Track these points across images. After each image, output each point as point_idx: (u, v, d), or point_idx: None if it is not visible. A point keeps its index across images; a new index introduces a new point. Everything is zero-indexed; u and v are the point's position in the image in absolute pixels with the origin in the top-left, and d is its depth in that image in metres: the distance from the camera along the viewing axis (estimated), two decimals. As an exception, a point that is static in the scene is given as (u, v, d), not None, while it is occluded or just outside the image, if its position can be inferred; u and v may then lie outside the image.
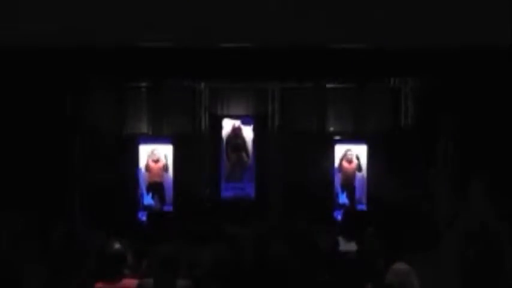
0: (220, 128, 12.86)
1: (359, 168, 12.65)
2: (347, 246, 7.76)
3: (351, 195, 12.67)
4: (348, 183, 12.72)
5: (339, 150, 12.77)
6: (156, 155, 12.38)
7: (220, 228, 7.92)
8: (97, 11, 9.23)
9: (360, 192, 12.73)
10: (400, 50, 9.84)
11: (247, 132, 12.89)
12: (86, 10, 9.21)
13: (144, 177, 12.41)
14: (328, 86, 12.88)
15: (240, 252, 6.86)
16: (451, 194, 10.73)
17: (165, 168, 12.40)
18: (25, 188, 9.99)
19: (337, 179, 12.72)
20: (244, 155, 12.88)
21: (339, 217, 11.56)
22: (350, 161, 12.71)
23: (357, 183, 12.75)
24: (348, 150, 12.71)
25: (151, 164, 12.39)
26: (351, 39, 9.55)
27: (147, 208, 12.21)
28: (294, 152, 12.66)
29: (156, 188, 12.44)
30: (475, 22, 9.17)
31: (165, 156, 12.40)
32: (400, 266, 5.37)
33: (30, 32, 9.22)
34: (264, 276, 6.21)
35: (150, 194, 12.42)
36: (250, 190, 12.80)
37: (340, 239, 7.83)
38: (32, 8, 9.25)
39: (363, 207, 12.60)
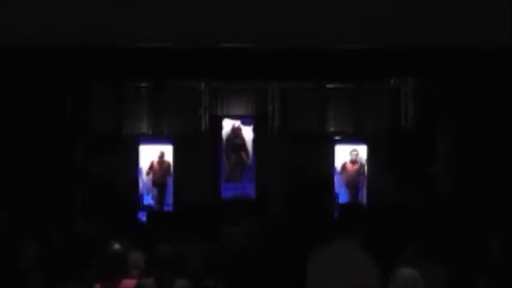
0: (220, 128, 12.86)
1: (362, 168, 12.67)
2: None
3: (354, 195, 12.65)
4: (352, 184, 12.71)
5: (339, 150, 12.77)
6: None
7: (217, 227, 7.90)
8: (97, 11, 9.22)
9: (360, 192, 12.73)
10: (400, 50, 9.83)
11: (247, 132, 12.90)
12: (86, 10, 9.20)
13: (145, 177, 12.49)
14: (328, 86, 12.89)
15: (234, 249, 6.85)
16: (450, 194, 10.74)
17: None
18: (25, 188, 9.98)
19: (338, 179, 12.72)
20: (244, 155, 12.88)
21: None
22: (354, 162, 12.71)
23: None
24: (353, 150, 12.71)
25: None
26: (351, 39, 9.54)
27: (147, 208, 12.23)
28: (294, 152, 12.66)
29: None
30: (475, 22, 9.16)
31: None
32: (407, 270, 5.27)
33: (30, 32, 9.21)
34: (257, 272, 6.20)
35: (150, 194, 12.44)
36: (250, 190, 12.81)
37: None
38: (31, 7, 9.24)
39: (362, 207, 12.60)
